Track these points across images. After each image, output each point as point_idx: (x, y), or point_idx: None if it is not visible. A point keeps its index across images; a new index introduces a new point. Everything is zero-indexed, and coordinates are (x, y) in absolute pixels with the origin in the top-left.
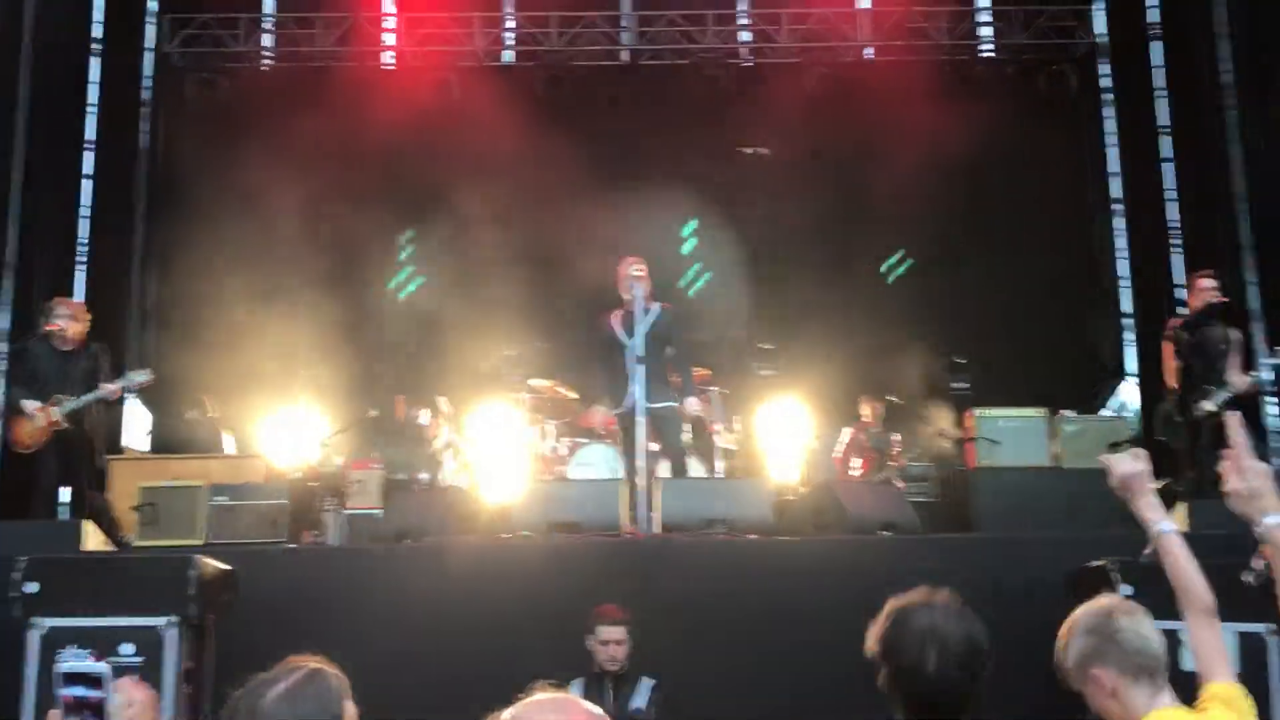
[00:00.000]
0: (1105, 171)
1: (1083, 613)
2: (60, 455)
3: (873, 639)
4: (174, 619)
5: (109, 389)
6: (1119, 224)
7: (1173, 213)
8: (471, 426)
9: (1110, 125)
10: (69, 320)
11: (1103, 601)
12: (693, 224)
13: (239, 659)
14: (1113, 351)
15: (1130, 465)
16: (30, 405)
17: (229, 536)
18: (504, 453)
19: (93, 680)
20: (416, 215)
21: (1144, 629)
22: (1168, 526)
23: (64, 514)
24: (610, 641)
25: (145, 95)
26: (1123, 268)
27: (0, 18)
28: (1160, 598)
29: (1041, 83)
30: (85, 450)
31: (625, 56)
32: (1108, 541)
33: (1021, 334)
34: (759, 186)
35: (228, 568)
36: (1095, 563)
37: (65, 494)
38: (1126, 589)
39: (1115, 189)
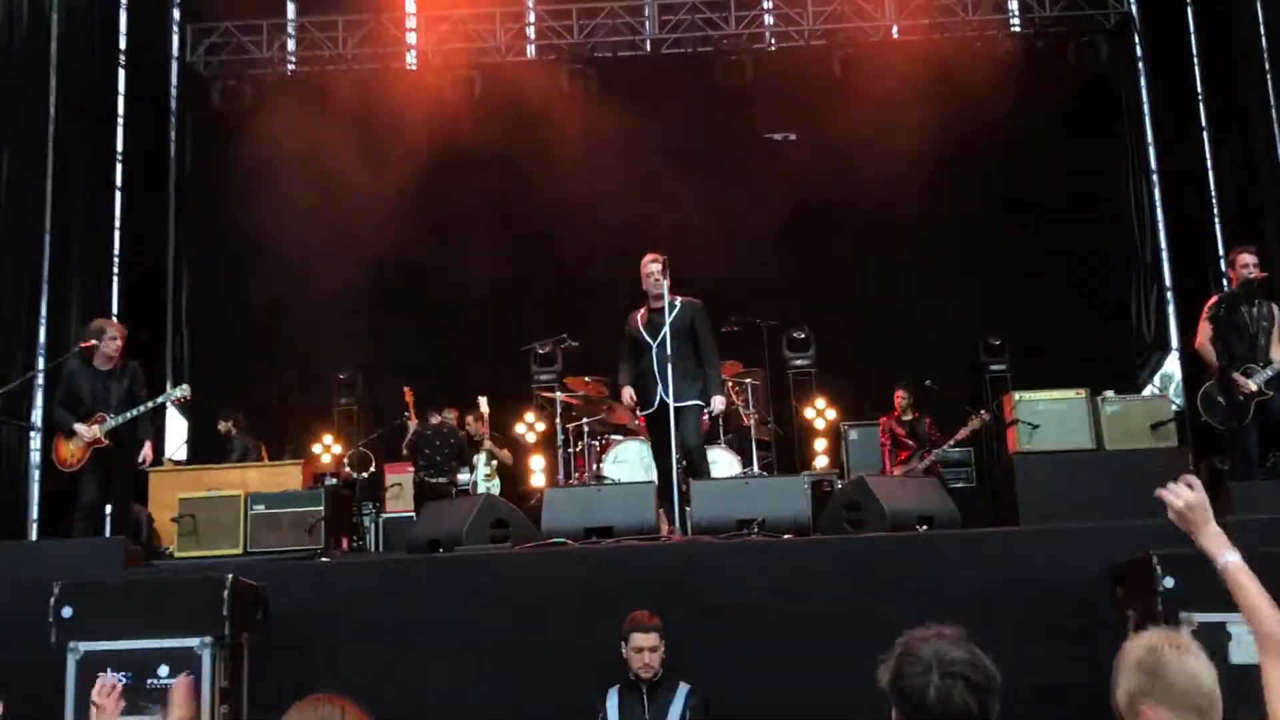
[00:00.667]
0: (1143, 142)
1: (1132, 647)
2: (101, 473)
3: (882, 673)
4: (208, 639)
5: (148, 406)
6: (1158, 195)
7: (1213, 182)
8: (505, 428)
9: (1146, 95)
10: (112, 341)
11: (1153, 637)
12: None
13: (274, 676)
14: (1155, 325)
15: (1188, 496)
16: (81, 426)
17: (268, 545)
18: (536, 454)
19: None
20: (442, 216)
21: (1194, 666)
22: (1233, 558)
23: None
24: (644, 649)
25: (172, 104)
26: (1163, 239)
27: (28, 34)
28: (1204, 591)
29: (1071, 55)
30: (126, 467)
31: (647, 46)
32: (1152, 532)
33: (1060, 312)
34: (786, 172)
35: (259, 584)
36: (1139, 555)
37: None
38: (1169, 581)
39: (1154, 160)
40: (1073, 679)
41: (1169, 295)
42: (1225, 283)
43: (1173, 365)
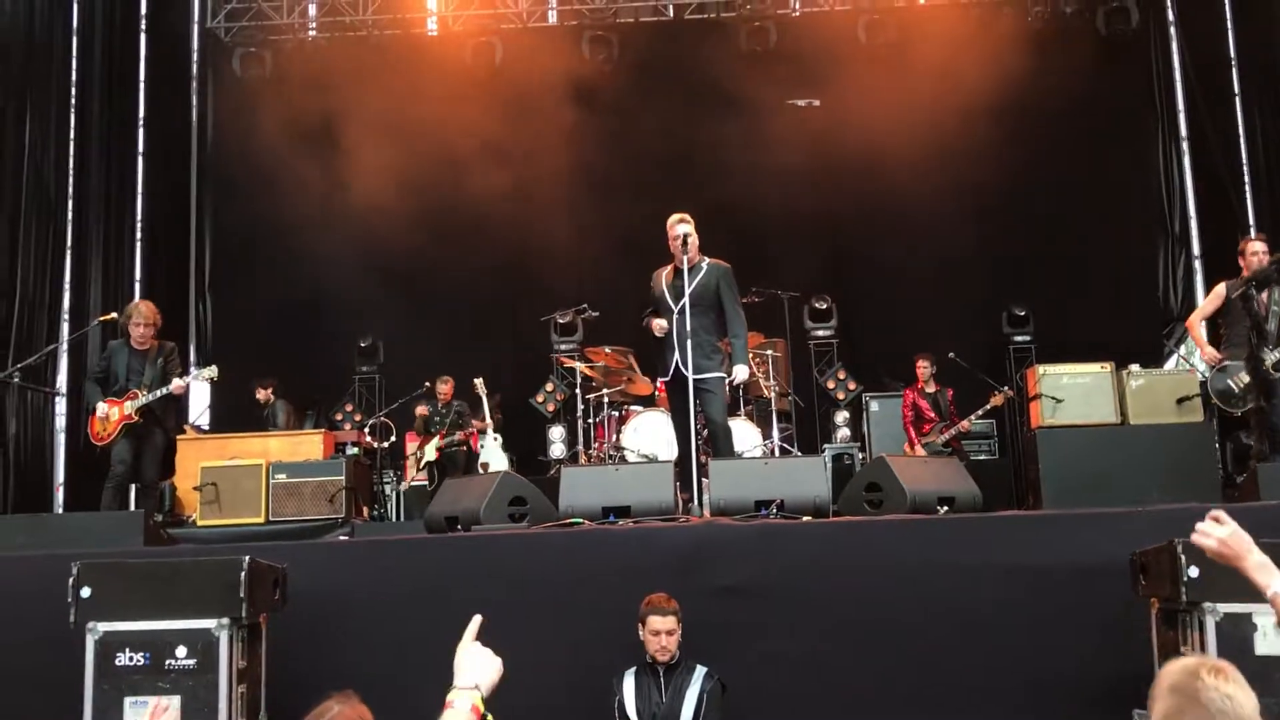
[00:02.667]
0: (1173, 109)
1: (1169, 671)
2: (132, 447)
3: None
4: (226, 620)
5: (178, 384)
6: (1188, 164)
7: (1244, 150)
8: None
9: (1177, 61)
10: (137, 326)
11: (1190, 660)
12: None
13: (292, 656)
14: (1183, 296)
15: (1220, 533)
16: (102, 405)
17: (289, 514)
18: (556, 424)
19: None
20: (463, 183)
21: (1231, 690)
22: None
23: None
24: (661, 632)
25: (193, 71)
26: (1192, 208)
27: (48, 2)
28: (1228, 581)
29: (1100, 21)
30: (155, 443)
31: (670, 11)
32: (1176, 517)
33: (1086, 283)
34: (810, 139)
35: (279, 565)
36: (1162, 544)
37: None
38: (1193, 571)
39: (1184, 128)
40: (1094, 667)
41: (1197, 265)
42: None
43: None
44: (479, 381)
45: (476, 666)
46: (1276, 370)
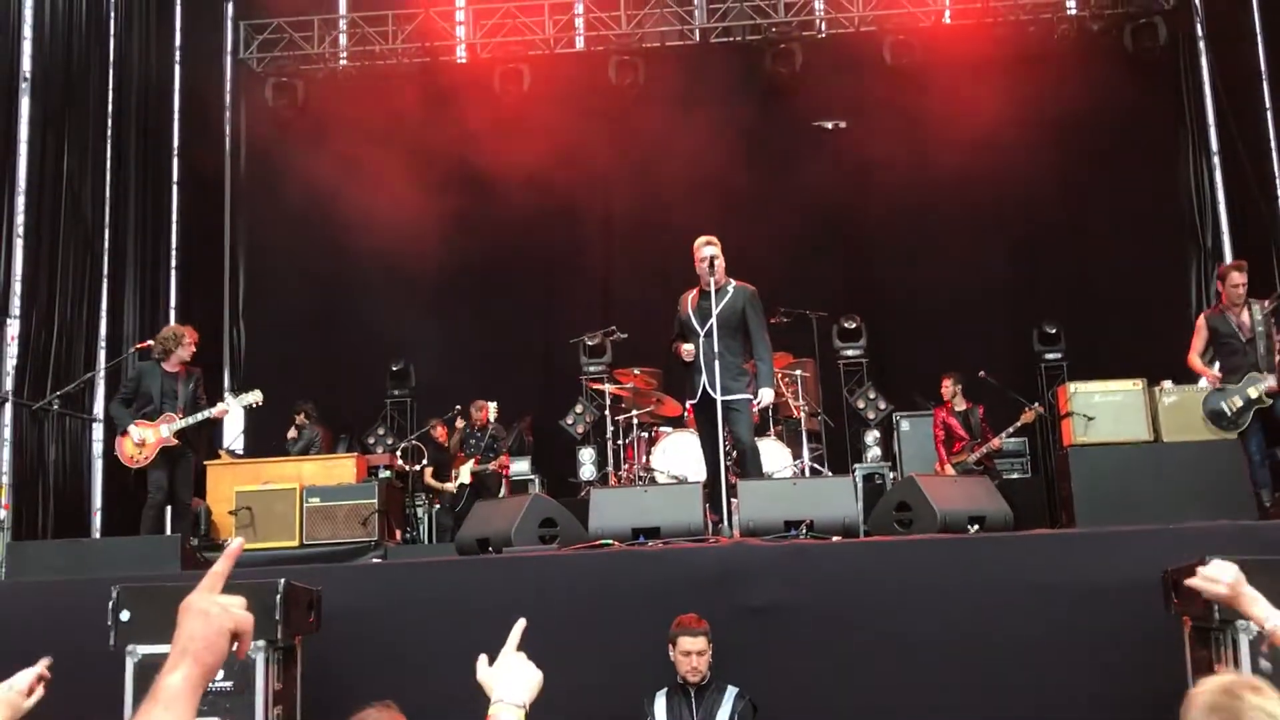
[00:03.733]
0: (1204, 124)
1: (1203, 690)
2: (168, 471)
3: None
4: (262, 643)
5: (222, 409)
6: (1219, 178)
7: (1276, 164)
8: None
9: (1207, 76)
10: (188, 348)
11: (1225, 678)
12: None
13: (327, 678)
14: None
15: (1221, 575)
16: (133, 428)
17: (323, 537)
18: (585, 446)
19: None
20: (492, 208)
21: (1273, 707)
22: None
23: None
24: (691, 653)
25: (226, 100)
26: (1224, 223)
27: (85, 33)
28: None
29: (1128, 38)
30: (188, 466)
31: (696, 36)
32: (1208, 535)
33: (1118, 300)
34: (837, 160)
35: (314, 588)
36: (1193, 561)
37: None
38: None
39: (1214, 142)
40: (1127, 687)
41: None
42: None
43: None
44: (492, 406)
45: (520, 680)
46: (1270, 396)
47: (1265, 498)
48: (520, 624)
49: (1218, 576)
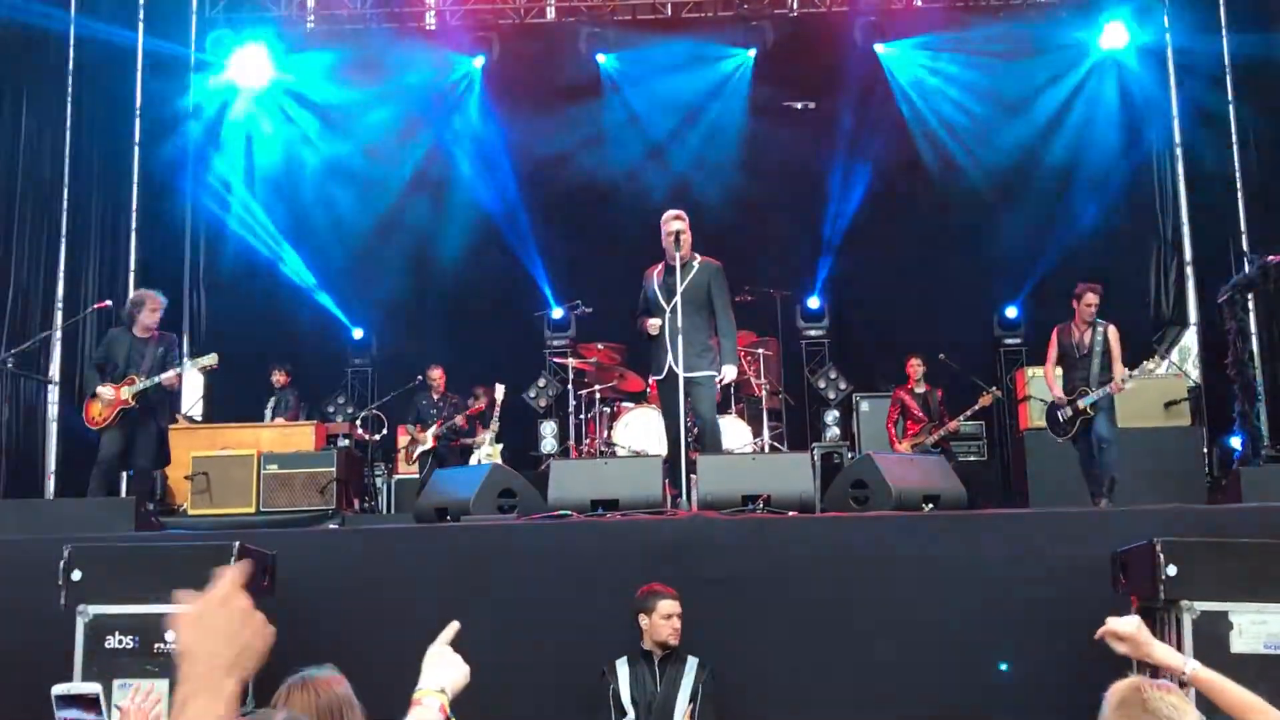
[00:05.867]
0: (1167, 116)
1: (1114, 690)
2: (125, 433)
3: None
4: None
5: (169, 376)
6: (1180, 170)
7: (1236, 156)
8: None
9: (1171, 66)
10: (153, 313)
11: (1134, 679)
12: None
13: (279, 643)
14: (1175, 301)
15: (1123, 628)
16: (104, 389)
17: (280, 505)
18: (547, 420)
19: (89, 702)
20: (456, 177)
21: (1175, 700)
22: (1195, 665)
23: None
24: (673, 615)
25: (190, 61)
26: (1185, 214)
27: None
28: (1206, 579)
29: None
30: (149, 431)
31: (668, 10)
32: (1158, 518)
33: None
34: (804, 140)
35: (268, 552)
36: (1142, 543)
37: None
38: (1171, 569)
39: (1177, 134)
40: (1075, 664)
41: (1189, 271)
42: (1249, 256)
43: (1190, 340)
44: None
45: (445, 670)
46: (1093, 410)
47: (1096, 492)
48: (454, 626)
49: (1118, 629)
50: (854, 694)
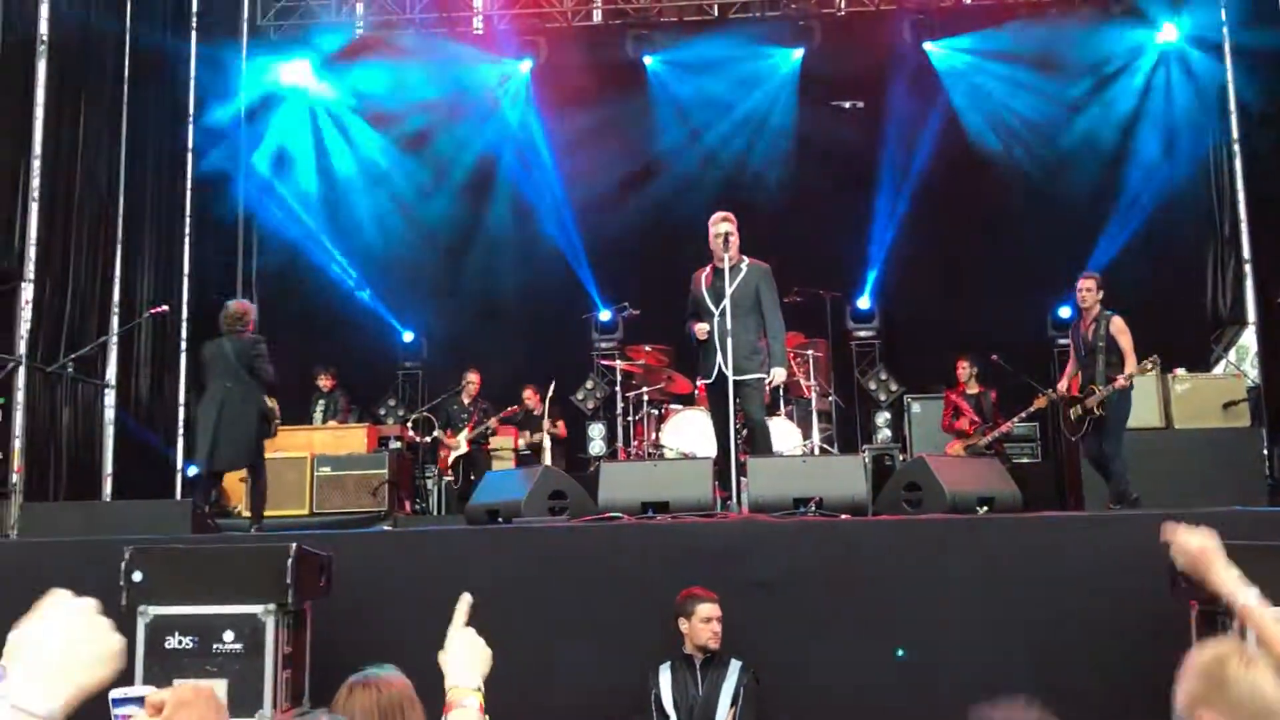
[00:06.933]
0: (1225, 111)
1: (1199, 654)
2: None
3: None
4: (272, 606)
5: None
6: (1239, 165)
7: None
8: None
9: (1229, 59)
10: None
11: (1222, 647)
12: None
13: (336, 643)
14: (1232, 300)
15: (1198, 541)
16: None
17: (333, 507)
18: (595, 422)
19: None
20: (505, 180)
21: (1258, 678)
22: (1252, 598)
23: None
24: (712, 618)
25: (242, 68)
26: (1243, 210)
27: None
28: (1267, 583)
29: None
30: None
31: (715, 11)
32: (1217, 520)
33: (1133, 286)
34: (854, 140)
35: (324, 554)
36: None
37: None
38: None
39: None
40: (1133, 669)
41: (1247, 269)
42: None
43: (1249, 339)
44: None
45: (475, 660)
46: (1100, 409)
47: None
48: (466, 598)
49: (1186, 542)
50: (906, 699)
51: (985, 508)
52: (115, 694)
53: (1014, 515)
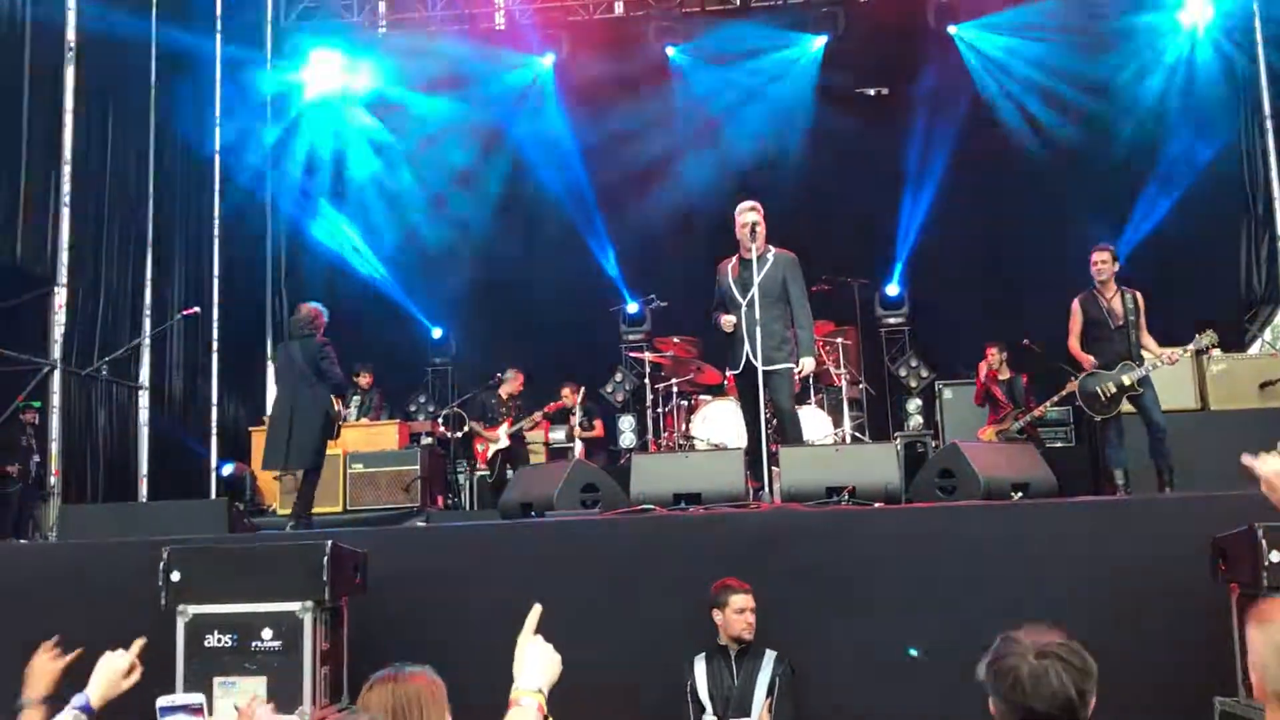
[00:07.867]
0: (1257, 91)
1: (1263, 632)
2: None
3: (981, 665)
4: (310, 603)
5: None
6: (1271, 144)
7: None
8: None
9: (1260, 38)
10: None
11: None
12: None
13: (372, 639)
14: (1266, 279)
15: (1265, 469)
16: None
17: (366, 503)
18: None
19: (192, 710)
20: (530, 175)
21: None
22: None
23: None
24: (746, 609)
25: (267, 68)
26: (1276, 190)
27: (130, 6)
28: None
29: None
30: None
31: (736, 1)
32: (1255, 503)
33: (1165, 268)
34: (879, 126)
35: (360, 550)
36: (1242, 528)
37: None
38: (1275, 556)
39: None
40: (1174, 654)
41: None
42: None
43: None
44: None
45: (540, 666)
46: (1140, 386)
47: (1119, 477)
48: (537, 609)
49: (1259, 467)
50: (939, 688)
51: (1020, 493)
52: (162, 702)
53: (1049, 501)
